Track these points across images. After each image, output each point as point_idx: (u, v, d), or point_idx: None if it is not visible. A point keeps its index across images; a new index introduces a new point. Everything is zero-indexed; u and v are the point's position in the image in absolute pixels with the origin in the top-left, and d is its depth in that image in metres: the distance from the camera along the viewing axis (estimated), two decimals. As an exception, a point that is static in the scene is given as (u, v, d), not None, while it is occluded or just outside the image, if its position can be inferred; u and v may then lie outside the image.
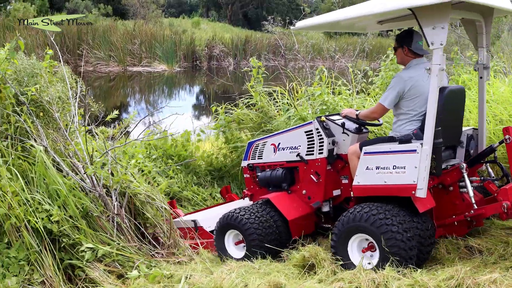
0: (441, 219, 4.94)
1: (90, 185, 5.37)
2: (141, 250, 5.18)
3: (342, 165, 5.39)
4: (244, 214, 5.26)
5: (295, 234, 5.32)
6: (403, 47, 4.91)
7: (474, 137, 5.28)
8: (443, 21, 4.14)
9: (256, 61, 8.07)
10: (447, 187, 4.90)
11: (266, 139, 6.01)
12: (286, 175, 5.64)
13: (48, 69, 5.93)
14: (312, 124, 5.46)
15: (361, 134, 5.40)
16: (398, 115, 4.90)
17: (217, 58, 34.10)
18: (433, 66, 4.25)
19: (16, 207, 4.68)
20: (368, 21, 5.38)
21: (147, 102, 22.86)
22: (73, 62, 27.76)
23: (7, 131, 5.34)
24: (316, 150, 5.39)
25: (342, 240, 4.56)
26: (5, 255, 4.66)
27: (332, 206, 5.50)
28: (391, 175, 4.50)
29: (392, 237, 4.24)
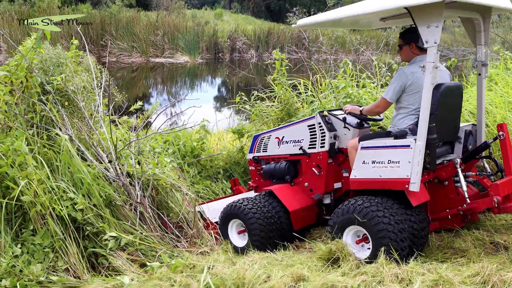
0: (437, 212, 5.05)
1: (114, 174, 5.41)
2: (164, 240, 5.20)
3: (343, 159, 5.53)
4: (247, 204, 5.43)
5: (296, 225, 5.48)
6: (410, 44, 5.02)
7: (473, 133, 5.37)
8: (437, 20, 4.24)
9: (279, 54, 8.03)
10: (442, 182, 5.00)
11: (271, 133, 6.16)
12: (289, 168, 5.81)
13: (73, 59, 5.97)
14: (315, 119, 5.60)
15: (362, 129, 5.53)
16: (397, 109, 5.02)
17: (239, 50, 34.05)
18: (427, 63, 4.35)
19: (41, 195, 4.73)
20: (370, 18, 5.47)
21: (169, 93, 22.93)
22: (96, 52, 27.93)
23: (33, 120, 5.40)
24: (318, 143, 5.56)
25: (337, 232, 4.71)
26: (30, 242, 4.72)
27: (333, 199, 5.64)
28: (386, 169, 4.65)
29: (384, 229, 4.38)
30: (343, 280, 3.87)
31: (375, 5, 4.51)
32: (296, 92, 8.27)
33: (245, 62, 31.49)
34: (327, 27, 6.20)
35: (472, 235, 4.93)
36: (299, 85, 8.29)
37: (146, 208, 5.33)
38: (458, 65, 12.59)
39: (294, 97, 8.10)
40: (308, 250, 5.02)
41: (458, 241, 4.88)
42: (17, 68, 5.35)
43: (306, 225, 5.64)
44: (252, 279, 3.93)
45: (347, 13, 4.81)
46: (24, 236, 4.79)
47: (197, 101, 6.75)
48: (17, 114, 5.30)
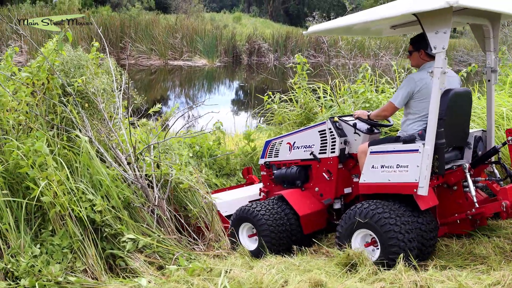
0: (446, 217, 5.07)
1: (133, 176, 5.43)
2: (181, 243, 5.21)
3: (354, 164, 5.57)
4: (258, 208, 5.50)
5: (306, 229, 5.54)
6: (420, 50, 5.04)
7: (482, 138, 5.39)
8: (445, 26, 4.29)
9: (301, 57, 8.02)
10: (451, 187, 5.01)
11: (282, 138, 6.21)
12: (300, 173, 5.86)
13: (94, 61, 6.01)
14: (326, 124, 5.66)
15: (372, 135, 5.57)
16: (407, 114, 5.06)
17: (257, 54, 34.08)
18: (435, 69, 4.40)
19: (61, 195, 4.76)
20: (381, 26, 5.56)
21: (187, 96, 23.02)
22: (115, 55, 28.15)
23: (53, 121, 5.45)
24: (328, 149, 5.61)
25: (347, 234, 4.78)
26: (49, 243, 4.75)
27: (343, 204, 5.68)
28: (394, 173, 4.71)
29: (394, 236, 4.42)
30: (361, 287, 3.85)
31: (385, 11, 4.57)
32: (315, 97, 8.25)
33: (263, 66, 31.52)
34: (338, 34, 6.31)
35: (493, 243, 4.87)
36: (318, 89, 8.27)
37: (164, 210, 5.35)
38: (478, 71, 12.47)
39: (314, 101, 8.08)
40: (326, 255, 4.99)
41: (479, 247, 4.83)
42: (39, 69, 5.41)
43: (316, 230, 5.70)
44: (269, 284, 3.92)
45: (357, 20, 4.88)
46: (43, 236, 4.83)
47: (215, 106, 6.79)
48: (38, 115, 5.35)
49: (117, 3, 43.26)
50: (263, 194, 6.43)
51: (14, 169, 4.94)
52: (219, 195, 6.51)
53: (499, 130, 6.29)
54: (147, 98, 16.79)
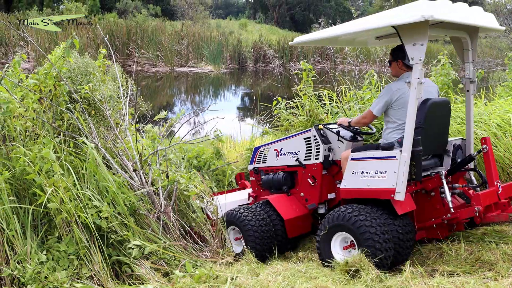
0: (422, 222, 5.25)
1: (139, 183, 5.44)
2: (187, 249, 5.21)
3: (337, 170, 5.72)
4: (243, 212, 5.67)
5: (291, 233, 5.72)
6: (398, 61, 5.22)
7: (462, 146, 5.57)
8: (422, 39, 4.46)
9: (307, 64, 8.03)
10: (429, 192, 5.20)
11: (270, 145, 6.39)
12: (286, 178, 6.02)
13: (100, 68, 6.04)
14: (311, 132, 5.83)
15: (356, 142, 5.73)
16: (386, 123, 5.24)
17: (263, 60, 34.13)
18: (412, 79, 4.57)
19: (67, 202, 4.78)
20: (366, 37, 5.79)
21: (193, 102, 23.05)
22: (121, 61, 28.26)
23: (60, 128, 5.47)
24: (313, 155, 5.78)
25: (326, 237, 4.92)
26: (55, 249, 4.77)
27: (327, 208, 5.83)
28: (373, 179, 4.88)
29: (370, 238, 4.56)
30: (368, 294, 3.83)
31: (366, 24, 4.78)
32: (321, 103, 8.25)
33: (269, 72, 31.55)
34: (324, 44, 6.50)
35: (500, 249, 4.86)
36: (324, 96, 8.27)
37: (170, 217, 5.35)
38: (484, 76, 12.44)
39: (320, 108, 8.08)
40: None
41: (487, 254, 4.82)
42: (46, 76, 5.43)
43: (301, 234, 5.87)
44: (275, 291, 3.91)
45: (341, 31, 5.08)
46: (50, 242, 4.84)
47: (220, 112, 6.83)
48: (45, 122, 5.37)
49: (123, 10, 43.44)
50: (251, 199, 6.60)
51: (21, 175, 4.96)
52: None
53: (505, 137, 6.26)
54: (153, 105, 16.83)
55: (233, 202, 6.47)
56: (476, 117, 6.63)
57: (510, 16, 21.89)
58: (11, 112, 5.06)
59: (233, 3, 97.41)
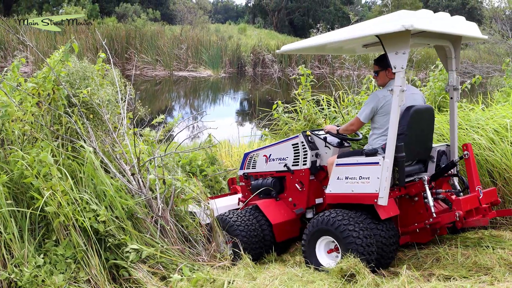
0: (406, 226, 5.32)
1: (137, 187, 5.45)
2: (184, 253, 5.21)
3: (324, 176, 5.81)
4: (232, 217, 5.75)
5: (279, 237, 5.81)
6: (387, 69, 5.29)
7: (446, 152, 5.68)
8: (404, 48, 4.59)
9: (305, 69, 8.05)
10: (412, 198, 5.28)
11: (259, 151, 6.49)
12: (275, 184, 6.11)
13: (99, 72, 6.05)
14: (298, 138, 5.94)
15: (342, 148, 5.85)
16: (372, 129, 5.36)
17: (262, 65, 34.18)
18: (395, 87, 4.70)
19: (65, 206, 4.78)
20: (353, 45, 5.93)
21: (192, 106, 23.08)
22: (120, 65, 28.31)
23: (58, 132, 5.48)
24: (301, 161, 5.89)
25: (311, 241, 5.06)
26: (53, 253, 4.77)
27: (315, 213, 5.87)
28: (357, 184, 5.00)
29: (352, 242, 4.67)
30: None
31: (352, 32, 4.90)
32: (319, 108, 8.26)
33: (267, 77, 31.60)
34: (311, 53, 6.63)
35: (497, 254, 4.88)
36: (322, 100, 8.29)
37: (167, 221, 5.35)
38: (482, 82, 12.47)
39: (318, 112, 8.09)
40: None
41: (483, 258, 4.84)
42: (45, 80, 5.45)
43: (289, 238, 5.95)
44: (272, 295, 3.92)
45: (326, 40, 5.17)
46: (47, 246, 4.84)
47: (213, 123, 6.89)
48: (43, 126, 5.38)
49: (122, 14, 43.52)
50: (241, 204, 6.62)
51: (18, 179, 4.97)
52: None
53: (502, 142, 6.28)
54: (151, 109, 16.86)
55: (224, 207, 6.51)
56: (474, 122, 6.65)
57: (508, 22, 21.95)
58: (9, 115, 5.06)
59: (233, 7, 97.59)
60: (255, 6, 67.29)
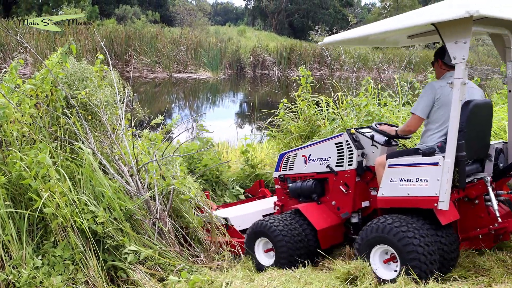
0: (467, 232, 4.94)
1: (135, 188, 5.45)
2: (182, 255, 5.21)
3: (371, 177, 5.44)
4: (274, 222, 5.33)
5: (324, 244, 5.37)
6: (438, 60, 4.98)
7: (504, 150, 5.23)
8: (465, 36, 4.17)
9: (305, 70, 8.03)
10: (472, 200, 4.88)
11: (297, 151, 6.07)
12: (316, 186, 5.70)
13: (97, 73, 6.06)
14: (342, 136, 5.54)
15: (390, 147, 5.44)
16: (426, 125, 4.93)
17: (261, 67, 34.20)
18: (455, 80, 4.28)
19: (63, 207, 4.78)
20: (398, 36, 5.46)
21: (191, 108, 23.08)
22: (120, 67, 28.30)
23: (56, 133, 5.48)
24: (345, 161, 5.47)
25: (364, 251, 4.61)
26: (51, 254, 4.77)
27: (361, 217, 5.53)
28: (414, 187, 4.57)
29: (414, 250, 4.27)
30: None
31: (402, 22, 4.49)
32: (318, 109, 8.27)
33: (267, 79, 31.61)
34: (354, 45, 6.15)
35: (495, 255, 4.83)
36: (321, 102, 8.29)
37: (165, 222, 5.35)
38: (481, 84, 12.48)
39: (317, 114, 8.10)
40: (327, 268, 4.98)
41: (482, 259, 4.79)
42: (43, 82, 5.45)
43: (333, 244, 5.53)
44: (270, 296, 3.92)
45: (374, 30, 4.79)
46: (45, 247, 4.85)
47: (210, 127, 6.82)
48: (41, 127, 5.39)
49: (122, 16, 43.55)
50: (277, 208, 6.27)
51: (17, 180, 4.97)
52: (231, 210, 6.45)
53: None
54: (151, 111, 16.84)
55: (257, 212, 6.25)
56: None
57: None
58: (7, 117, 5.07)
59: (232, 9, 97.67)
60: (254, 8, 67.33)
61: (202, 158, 7.62)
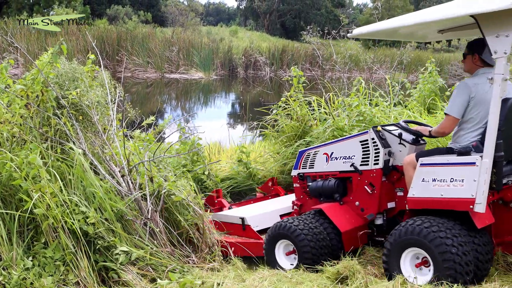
0: (501, 236, 4.75)
1: (126, 189, 5.43)
2: (174, 256, 5.21)
3: (398, 177, 5.23)
4: (298, 224, 5.13)
5: (348, 246, 5.19)
6: (474, 54, 4.72)
7: None
8: (507, 29, 3.95)
9: (297, 70, 8.03)
10: (508, 203, 4.68)
11: (318, 148, 5.85)
12: (338, 186, 5.49)
13: (89, 74, 6.04)
14: (368, 134, 5.32)
15: (419, 145, 5.22)
16: (460, 124, 4.71)
17: (253, 67, 34.22)
18: (496, 76, 4.08)
19: (54, 208, 4.76)
20: (428, 30, 5.20)
21: (183, 109, 23.06)
22: (111, 67, 28.25)
23: (47, 134, 5.46)
24: (371, 160, 5.25)
25: (394, 254, 4.40)
26: (41, 255, 4.74)
27: (385, 219, 5.32)
28: (448, 188, 4.36)
29: (447, 251, 4.07)
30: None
31: (437, 13, 4.28)
32: (310, 109, 8.28)
33: (259, 79, 31.64)
34: (382, 37, 5.85)
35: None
36: (313, 102, 8.30)
37: (157, 223, 5.34)
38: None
39: (309, 114, 8.10)
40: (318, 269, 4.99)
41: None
42: (33, 82, 5.42)
43: (357, 247, 5.33)
44: (261, 296, 3.92)
45: (405, 22, 4.54)
46: (36, 248, 4.82)
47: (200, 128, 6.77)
48: (32, 128, 5.36)
49: (114, 16, 43.44)
50: (295, 208, 6.06)
51: (7, 181, 4.94)
52: (247, 209, 6.32)
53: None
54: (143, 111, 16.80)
55: (274, 212, 6.08)
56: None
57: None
58: (-3, 117, 5.05)
59: (224, 10, 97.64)
60: (246, 8, 67.41)
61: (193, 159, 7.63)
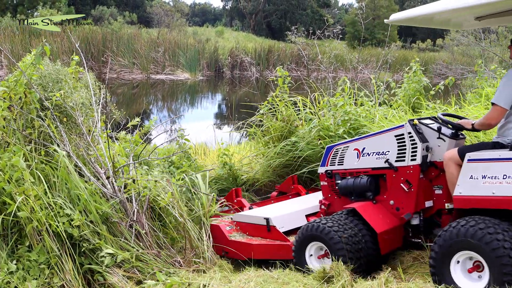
0: None
1: (111, 191, 5.40)
2: (160, 257, 5.19)
3: (436, 174, 4.87)
4: (332, 225, 4.78)
5: (384, 249, 4.85)
6: None
7: None
8: None
9: (282, 71, 8.04)
10: None
11: (348, 143, 5.51)
12: (371, 183, 5.15)
13: (73, 75, 6.00)
14: (404, 128, 4.97)
15: (458, 140, 4.88)
16: (507, 117, 4.41)
17: (240, 67, 34.24)
18: None
19: (38, 210, 4.73)
20: (465, 16, 4.84)
21: (169, 109, 23.01)
22: (97, 69, 28.12)
23: (31, 136, 5.42)
24: (408, 156, 4.89)
25: (443, 259, 4.07)
26: (26, 258, 4.71)
27: (422, 219, 4.96)
28: (500, 185, 4.02)
29: (505, 254, 3.72)
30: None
31: None
32: (296, 109, 8.29)
33: (245, 79, 31.65)
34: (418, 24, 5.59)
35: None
36: (299, 102, 8.31)
37: (143, 225, 5.32)
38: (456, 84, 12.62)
39: (294, 114, 8.11)
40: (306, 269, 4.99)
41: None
42: (16, 84, 5.38)
43: (393, 249, 5.04)
44: (247, 297, 3.92)
45: (446, 6, 4.26)
46: (20, 252, 4.78)
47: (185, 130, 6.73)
48: (15, 130, 5.32)
49: (99, 17, 43.22)
50: (322, 207, 5.74)
51: (-10, 184, 4.90)
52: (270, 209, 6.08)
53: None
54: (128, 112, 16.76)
55: (299, 211, 5.77)
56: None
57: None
58: (-20, 120, 5.00)
59: (210, 10, 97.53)
60: (232, 9, 67.41)
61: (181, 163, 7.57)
